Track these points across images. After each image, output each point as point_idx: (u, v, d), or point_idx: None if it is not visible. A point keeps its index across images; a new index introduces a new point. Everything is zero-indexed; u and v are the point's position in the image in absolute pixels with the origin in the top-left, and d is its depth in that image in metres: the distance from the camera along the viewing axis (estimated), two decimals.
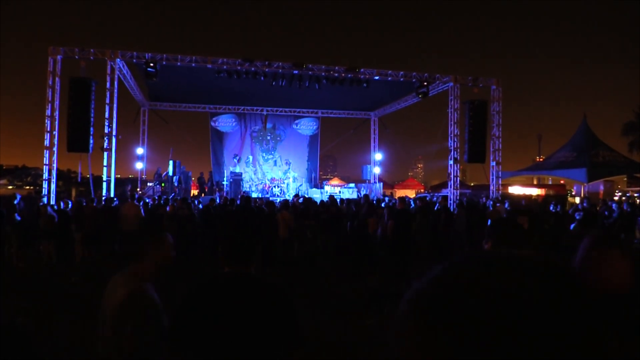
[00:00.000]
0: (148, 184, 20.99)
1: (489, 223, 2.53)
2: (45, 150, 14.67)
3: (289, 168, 22.86)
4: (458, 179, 18.53)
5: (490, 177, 18.23)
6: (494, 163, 18.22)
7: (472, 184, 34.64)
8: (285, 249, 10.05)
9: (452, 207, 14.66)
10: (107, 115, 15.03)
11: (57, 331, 5.20)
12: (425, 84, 17.54)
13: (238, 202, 11.96)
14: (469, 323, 0.42)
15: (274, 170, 23.54)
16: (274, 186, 21.54)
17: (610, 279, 1.54)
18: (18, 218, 10.05)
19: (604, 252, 1.59)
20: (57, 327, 5.32)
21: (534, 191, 26.36)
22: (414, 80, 17.61)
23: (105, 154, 15.01)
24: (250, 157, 23.59)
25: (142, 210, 10.68)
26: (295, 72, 16.58)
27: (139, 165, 22.33)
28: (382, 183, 25.18)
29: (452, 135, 18.02)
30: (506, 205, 12.80)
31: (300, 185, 22.81)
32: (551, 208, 12.48)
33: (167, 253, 2.25)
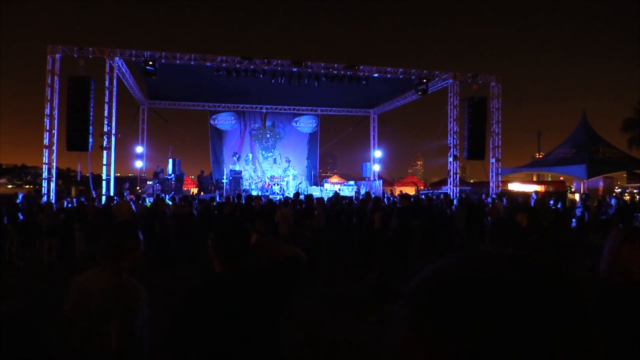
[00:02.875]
0: (148, 182, 20.99)
1: (488, 219, 2.57)
2: (44, 149, 14.66)
3: (288, 166, 22.85)
4: (458, 175, 18.53)
5: (490, 174, 18.26)
6: (493, 160, 18.24)
7: (471, 181, 34.65)
8: None
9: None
10: (106, 113, 15.03)
11: (57, 329, 5.20)
12: (424, 81, 17.53)
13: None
14: (459, 320, 0.44)
15: (274, 168, 23.52)
16: (274, 184, 21.54)
17: None
18: (21, 217, 10.06)
19: (636, 246, 1.67)
20: (58, 326, 5.32)
21: (532, 188, 26.36)
22: (413, 77, 17.60)
23: (105, 152, 15.01)
24: (250, 155, 23.57)
25: (133, 206, 10.67)
26: (295, 69, 16.57)
27: (139, 164, 22.32)
28: (381, 180, 25.20)
29: (452, 132, 18.03)
30: (504, 202, 12.79)
31: (300, 183, 22.81)
32: (551, 204, 12.50)
33: (141, 250, 2.30)
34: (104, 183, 15.18)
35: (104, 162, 15.08)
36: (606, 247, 1.77)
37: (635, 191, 26.23)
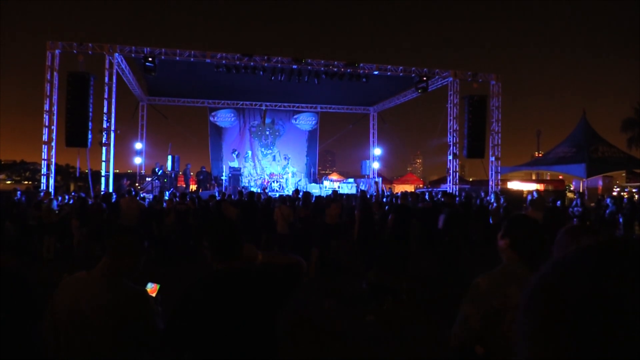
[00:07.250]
0: (147, 179, 20.97)
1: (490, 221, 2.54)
2: (43, 145, 14.63)
3: (287, 163, 22.84)
4: (457, 174, 18.54)
5: (489, 172, 18.25)
6: (493, 158, 18.24)
7: (471, 179, 34.61)
8: (284, 244, 10.01)
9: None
10: (105, 110, 15.00)
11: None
12: (424, 79, 17.51)
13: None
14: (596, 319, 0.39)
15: (273, 165, 23.53)
16: (273, 181, 21.53)
17: None
18: (16, 213, 10.06)
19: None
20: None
21: (532, 186, 26.37)
22: (413, 75, 17.57)
23: (104, 148, 15.00)
24: (249, 152, 23.57)
25: (140, 202, 10.72)
26: (294, 67, 16.53)
27: (138, 160, 22.31)
28: (381, 178, 25.19)
29: (451, 130, 18.02)
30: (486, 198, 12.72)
31: (299, 180, 22.79)
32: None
33: (141, 259, 2.18)
34: (103, 179, 15.16)
35: (103, 158, 15.07)
36: (556, 247, 1.74)
37: (634, 190, 26.26)
